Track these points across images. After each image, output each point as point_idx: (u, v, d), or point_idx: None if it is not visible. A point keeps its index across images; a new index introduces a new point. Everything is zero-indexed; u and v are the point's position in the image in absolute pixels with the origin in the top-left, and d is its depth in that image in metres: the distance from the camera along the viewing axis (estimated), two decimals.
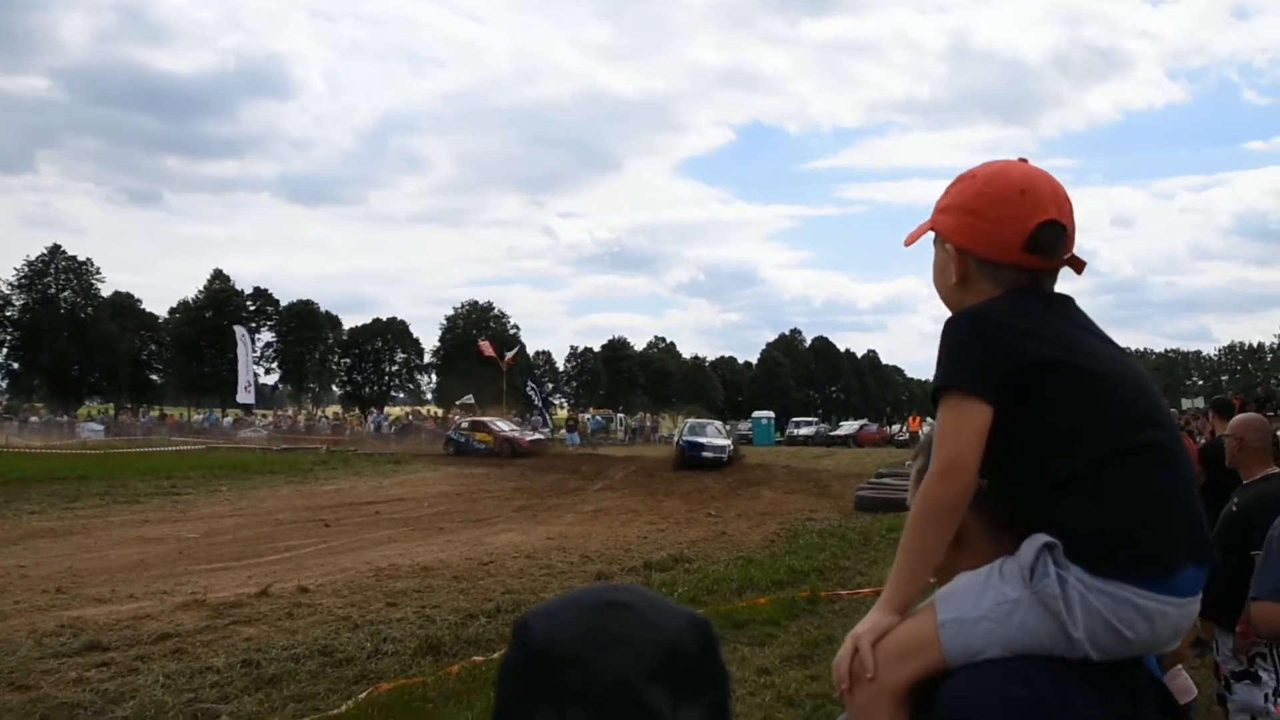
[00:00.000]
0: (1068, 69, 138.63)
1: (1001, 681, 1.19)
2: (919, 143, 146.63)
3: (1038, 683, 1.19)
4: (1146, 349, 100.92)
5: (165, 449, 35.86)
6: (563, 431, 46.54)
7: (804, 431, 55.75)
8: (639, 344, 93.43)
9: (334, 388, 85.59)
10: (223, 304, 74.48)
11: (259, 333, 75.22)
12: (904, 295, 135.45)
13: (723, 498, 19.96)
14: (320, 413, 65.99)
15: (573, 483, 23.52)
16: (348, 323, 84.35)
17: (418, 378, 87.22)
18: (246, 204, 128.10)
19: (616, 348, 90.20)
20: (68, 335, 69.79)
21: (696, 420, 35.38)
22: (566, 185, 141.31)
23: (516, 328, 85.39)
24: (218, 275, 77.32)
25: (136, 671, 6.67)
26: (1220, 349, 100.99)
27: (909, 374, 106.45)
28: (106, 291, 75.01)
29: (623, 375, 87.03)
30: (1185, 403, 42.33)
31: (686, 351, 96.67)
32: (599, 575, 10.50)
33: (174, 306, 77.68)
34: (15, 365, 71.47)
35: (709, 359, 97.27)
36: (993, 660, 1.22)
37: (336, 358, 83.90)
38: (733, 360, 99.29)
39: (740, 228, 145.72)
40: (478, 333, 72.70)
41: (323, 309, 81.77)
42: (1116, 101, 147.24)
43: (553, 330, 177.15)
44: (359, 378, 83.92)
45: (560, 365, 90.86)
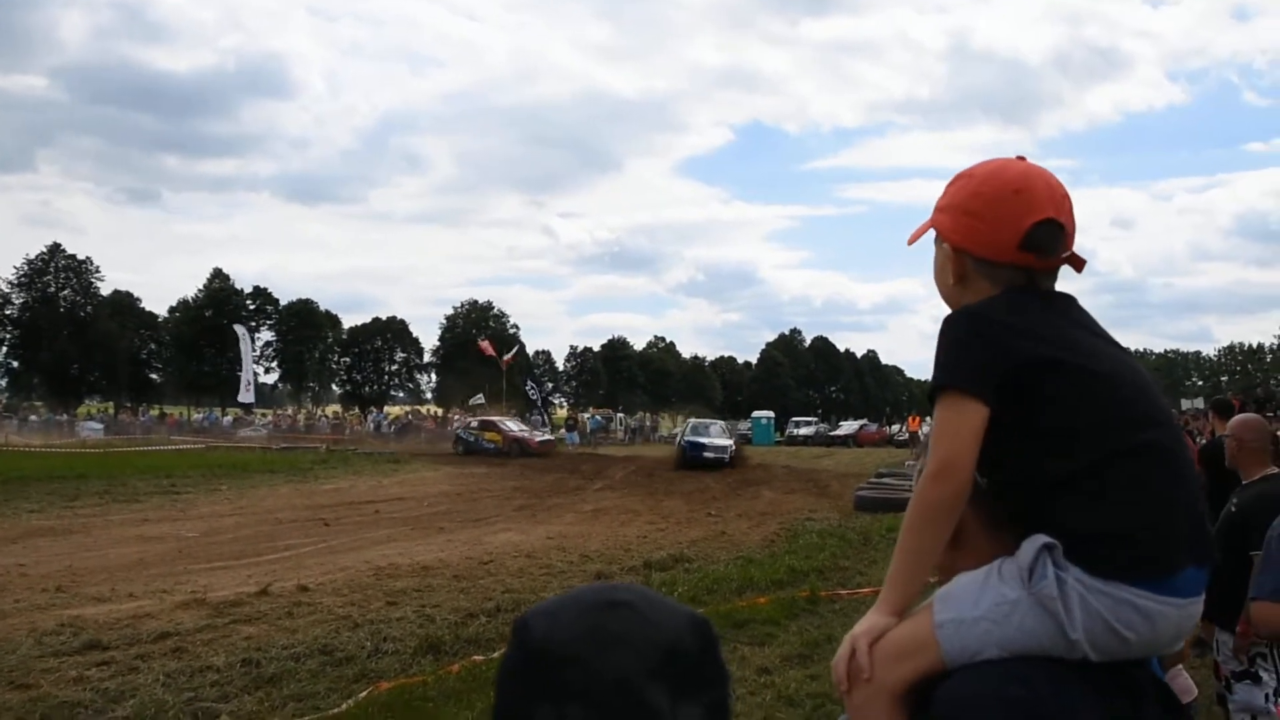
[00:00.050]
0: (1068, 69, 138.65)
1: (1000, 682, 1.19)
2: (919, 143, 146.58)
3: (1036, 683, 1.18)
4: (1146, 349, 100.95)
5: (165, 448, 35.84)
6: (562, 431, 46.55)
7: (803, 431, 55.74)
8: (639, 344, 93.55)
9: (334, 387, 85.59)
10: (222, 303, 74.46)
11: (258, 332, 75.20)
12: (904, 295, 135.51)
13: (723, 498, 19.94)
14: (320, 412, 65.98)
15: (572, 482, 23.51)
16: (347, 322, 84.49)
17: (417, 377, 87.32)
18: (246, 203, 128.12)
19: (616, 347, 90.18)
20: (67, 334, 69.78)
21: (700, 420, 34.76)
22: (566, 185, 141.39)
23: (516, 327, 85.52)
24: (217, 274, 77.36)
25: (136, 670, 6.67)
26: (1220, 350, 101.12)
27: (909, 374, 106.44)
28: (106, 290, 75.15)
29: (622, 375, 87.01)
30: (1185, 403, 42.30)
31: (686, 351, 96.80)
32: (599, 575, 10.50)
33: (173, 305, 77.78)
34: (15, 364, 71.46)
35: (709, 359, 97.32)
36: (991, 661, 1.21)
37: (336, 357, 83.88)
38: (732, 360, 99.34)
39: (740, 228, 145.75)
40: (477, 332, 72.65)
41: (322, 308, 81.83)
42: (1116, 102, 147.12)
43: (552, 330, 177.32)
44: (359, 377, 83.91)
45: (560, 365, 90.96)
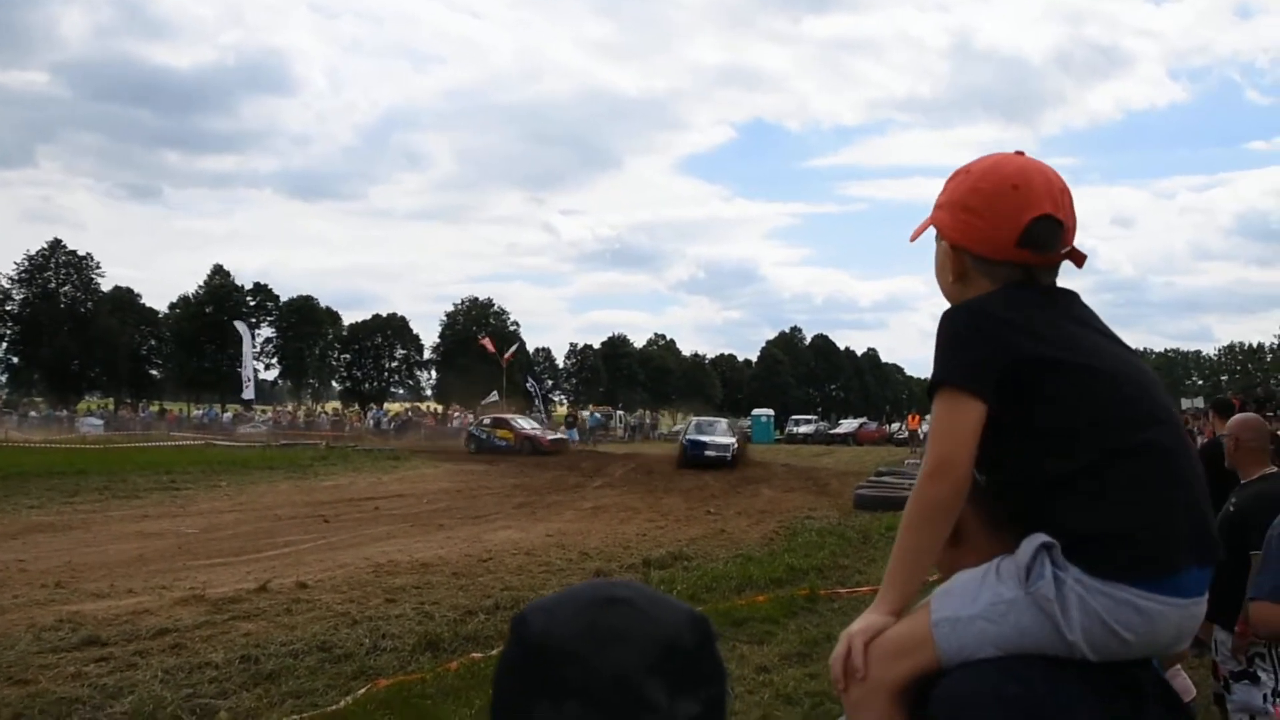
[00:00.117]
0: (1069, 67, 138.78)
1: (997, 681, 1.18)
2: (920, 141, 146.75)
3: (1034, 682, 1.17)
4: (1146, 348, 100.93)
5: (165, 444, 35.82)
6: (562, 428, 46.56)
7: (803, 429, 55.82)
8: (639, 341, 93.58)
9: (334, 383, 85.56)
10: (223, 299, 74.43)
11: (259, 328, 75.15)
12: (904, 293, 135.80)
13: (722, 495, 19.94)
14: (320, 408, 65.99)
15: (572, 480, 23.50)
16: (348, 318, 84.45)
17: (417, 374, 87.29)
18: (247, 199, 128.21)
19: (616, 345, 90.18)
20: (68, 330, 69.73)
21: (704, 418, 33.60)
22: (567, 182, 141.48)
23: (516, 324, 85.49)
24: (218, 270, 77.30)
25: (135, 666, 6.67)
26: (1220, 349, 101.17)
27: (909, 372, 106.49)
28: (106, 286, 75.07)
29: (622, 372, 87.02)
30: (1185, 403, 42.31)
31: (686, 349, 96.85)
32: (598, 572, 10.50)
33: (174, 301, 77.66)
34: (15, 360, 71.45)
35: (709, 356, 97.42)
36: (988, 659, 1.20)
37: (336, 353, 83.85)
38: (732, 358, 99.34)
39: (741, 225, 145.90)
40: (478, 329, 72.68)
41: (323, 304, 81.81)
42: (1118, 100, 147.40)
43: (553, 327, 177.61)
44: (359, 373, 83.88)
45: (560, 362, 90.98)
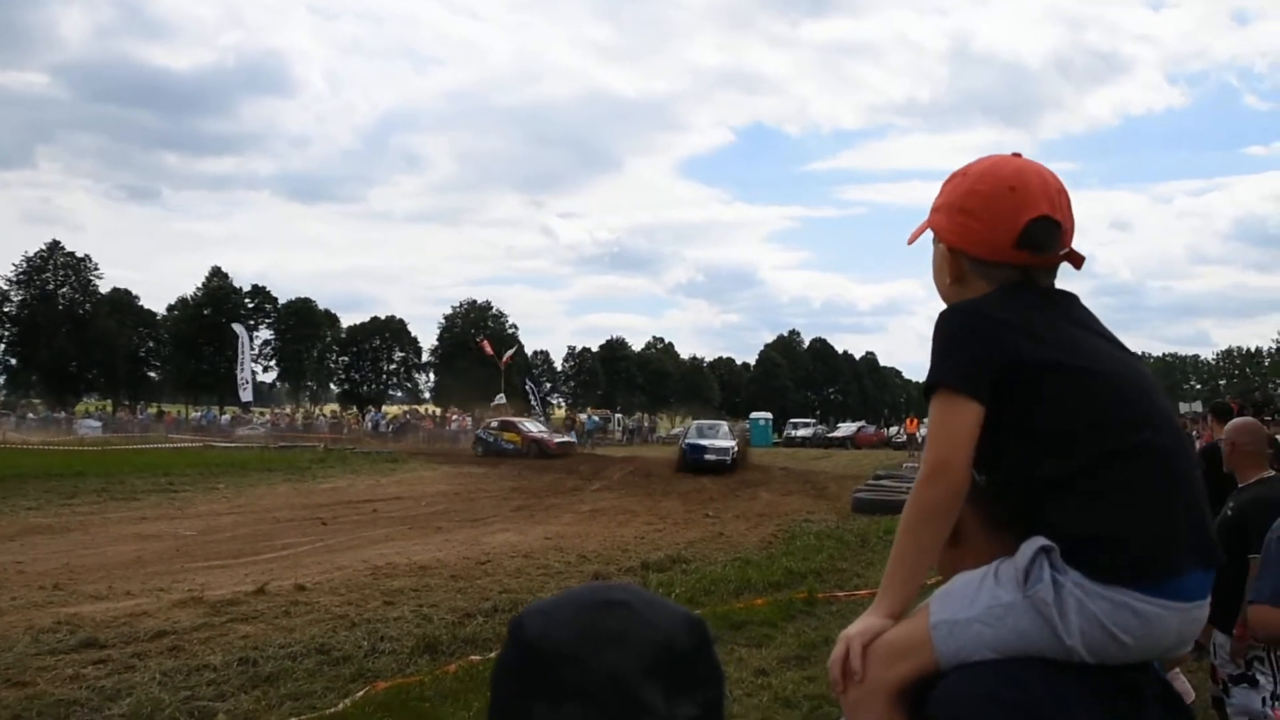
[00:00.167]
0: (1068, 72, 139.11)
1: (995, 683, 1.17)
2: (919, 145, 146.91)
3: (1031, 685, 1.17)
4: (1144, 353, 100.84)
5: (163, 446, 35.79)
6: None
7: (802, 433, 55.84)
8: (637, 344, 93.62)
9: (332, 386, 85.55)
10: (221, 301, 74.42)
11: (257, 330, 75.16)
12: (903, 297, 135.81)
13: (720, 499, 19.93)
14: (318, 411, 65.95)
15: (570, 483, 23.48)
16: (346, 321, 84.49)
17: (415, 376, 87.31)
18: (245, 201, 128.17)
19: (614, 348, 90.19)
20: (66, 331, 69.70)
21: (705, 421, 32.66)
22: (566, 185, 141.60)
23: (515, 327, 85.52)
24: (216, 272, 77.30)
25: (133, 669, 6.66)
26: (1218, 353, 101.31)
27: (907, 376, 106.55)
28: (105, 288, 75.11)
29: (620, 375, 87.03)
30: (1184, 407, 42.41)
31: (685, 352, 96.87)
32: (596, 575, 10.50)
33: (172, 303, 77.69)
34: (13, 361, 71.44)
35: (707, 360, 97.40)
36: (987, 662, 1.20)
37: (334, 356, 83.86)
38: (731, 361, 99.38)
39: (740, 228, 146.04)
40: (476, 332, 72.73)
41: (321, 307, 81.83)
42: (1116, 105, 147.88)
43: (551, 330, 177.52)
44: (357, 376, 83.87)
45: (558, 365, 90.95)
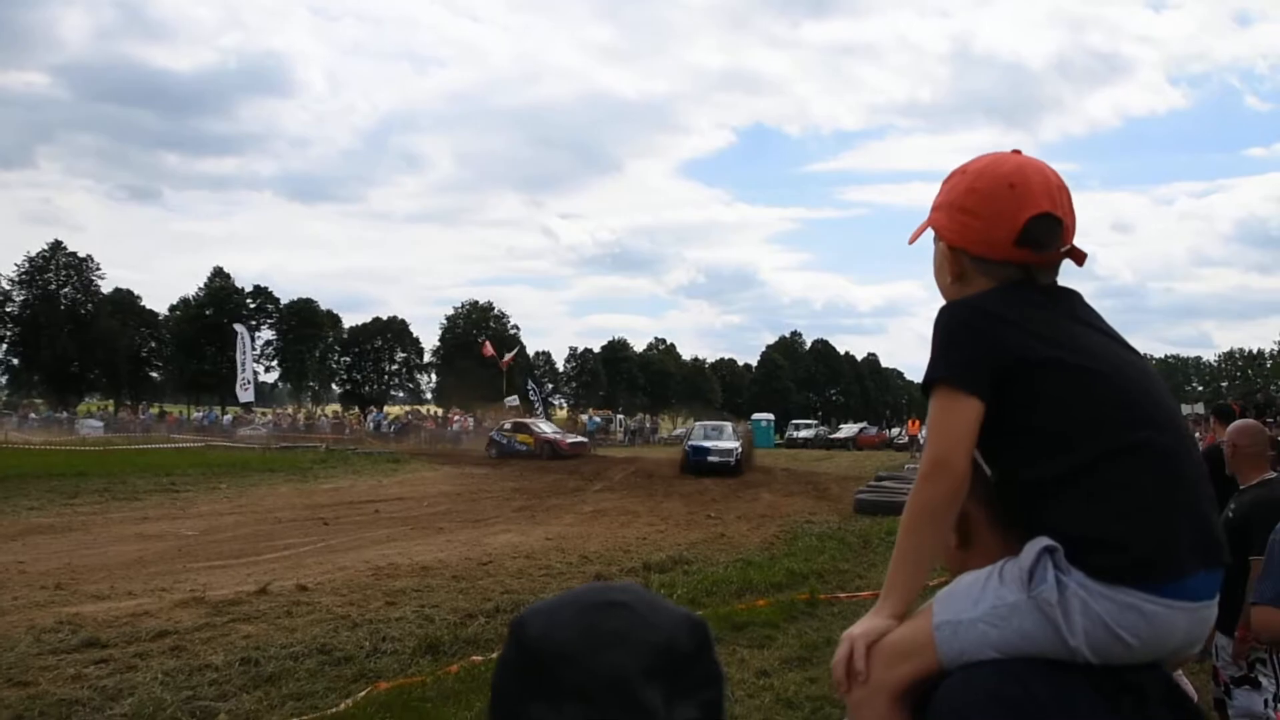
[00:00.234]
0: (1069, 74, 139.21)
1: (998, 682, 1.17)
2: (920, 146, 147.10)
3: (1034, 684, 1.16)
4: (1146, 354, 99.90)
5: (164, 446, 35.82)
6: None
7: (803, 434, 55.73)
8: (639, 345, 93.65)
9: (334, 386, 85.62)
10: (223, 301, 74.53)
11: (259, 330, 75.24)
12: (904, 298, 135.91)
13: (722, 500, 19.92)
14: (320, 411, 65.96)
15: (572, 484, 23.47)
16: (348, 321, 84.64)
17: (417, 377, 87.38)
18: (247, 201, 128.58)
19: (616, 349, 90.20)
20: (68, 331, 69.82)
21: (709, 423, 31.38)
22: (567, 186, 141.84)
23: (516, 328, 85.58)
24: (218, 273, 77.43)
25: (135, 669, 6.67)
26: (1219, 355, 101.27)
27: (909, 377, 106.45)
28: (107, 288, 75.31)
29: (622, 376, 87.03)
30: (1185, 408, 42.35)
31: (686, 353, 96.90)
32: (598, 576, 10.50)
33: (174, 303, 77.96)
34: (15, 361, 71.53)
35: (709, 360, 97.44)
36: (990, 661, 1.19)
37: (336, 356, 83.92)
38: (732, 362, 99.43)
39: (741, 229, 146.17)
40: (477, 333, 72.79)
41: (323, 307, 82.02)
42: (1117, 106, 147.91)
43: (553, 331, 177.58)
44: (358, 376, 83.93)
45: (560, 366, 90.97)
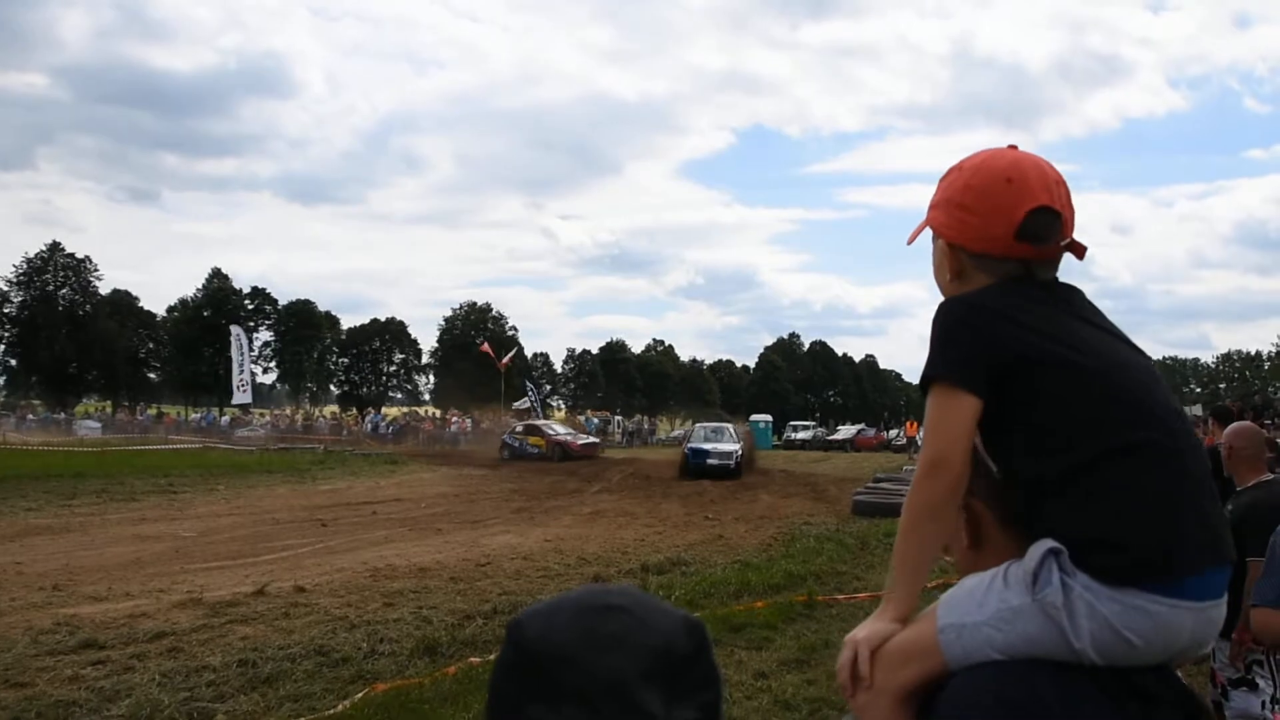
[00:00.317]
0: (1069, 75, 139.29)
1: (1002, 683, 1.17)
2: (920, 147, 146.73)
3: (1039, 685, 1.16)
4: None
5: (162, 447, 35.80)
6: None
7: (801, 435, 55.78)
8: (637, 346, 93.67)
9: (332, 388, 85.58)
10: (221, 303, 74.50)
11: (257, 332, 75.23)
12: (903, 299, 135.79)
13: (720, 501, 19.92)
14: (318, 412, 65.93)
15: (570, 485, 23.46)
16: (346, 323, 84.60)
17: (415, 378, 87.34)
18: (245, 203, 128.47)
19: (614, 350, 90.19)
20: (66, 332, 69.78)
21: (709, 424, 30.76)
22: (566, 187, 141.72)
23: (515, 329, 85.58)
24: (216, 274, 77.40)
25: (132, 670, 6.66)
26: (1218, 357, 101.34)
27: (907, 379, 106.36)
28: (105, 289, 75.30)
29: (620, 377, 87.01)
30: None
31: (685, 354, 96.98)
32: (596, 577, 10.50)
33: (172, 305, 77.94)
34: (13, 362, 71.49)
35: (707, 362, 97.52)
36: (994, 663, 1.19)
37: (334, 358, 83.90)
38: (731, 363, 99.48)
39: (740, 231, 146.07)
40: (476, 334, 72.76)
41: (321, 309, 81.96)
42: (1117, 108, 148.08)
43: (552, 332, 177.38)
44: (357, 378, 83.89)
45: (558, 367, 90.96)
